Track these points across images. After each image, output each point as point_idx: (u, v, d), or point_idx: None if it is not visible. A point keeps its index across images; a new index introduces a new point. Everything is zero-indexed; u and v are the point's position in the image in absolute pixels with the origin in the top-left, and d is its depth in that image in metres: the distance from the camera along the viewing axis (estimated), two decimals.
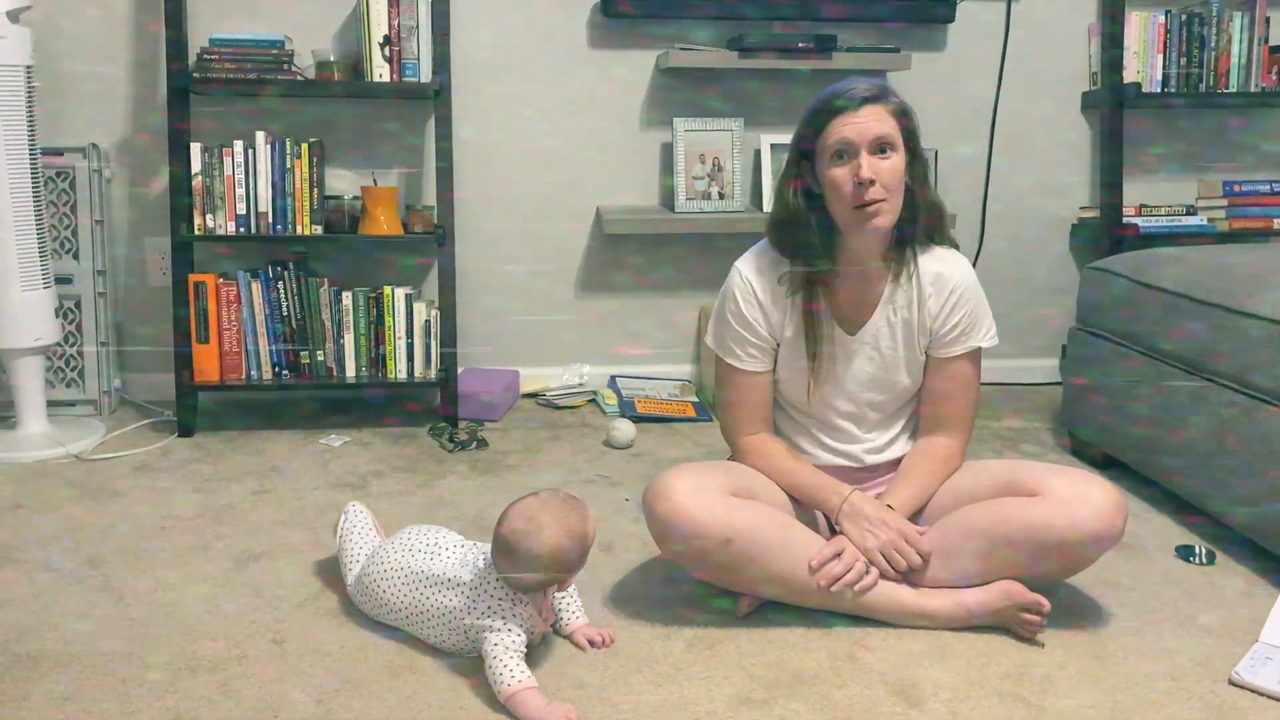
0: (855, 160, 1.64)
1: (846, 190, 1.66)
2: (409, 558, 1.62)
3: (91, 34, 2.84)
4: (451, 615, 1.55)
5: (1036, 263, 3.26)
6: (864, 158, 1.64)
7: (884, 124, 1.65)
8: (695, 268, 3.13)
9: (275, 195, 2.68)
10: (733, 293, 1.81)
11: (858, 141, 1.64)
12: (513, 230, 3.08)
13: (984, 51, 3.13)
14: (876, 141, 1.64)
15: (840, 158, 1.66)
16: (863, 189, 1.64)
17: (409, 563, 1.62)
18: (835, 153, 1.67)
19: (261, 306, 2.72)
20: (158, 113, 2.78)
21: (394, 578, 1.62)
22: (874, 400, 1.84)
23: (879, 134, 1.64)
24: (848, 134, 1.65)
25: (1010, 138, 3.19)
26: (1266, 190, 3.18)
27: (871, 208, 1.65)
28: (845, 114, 1.65)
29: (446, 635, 1.57)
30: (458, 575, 1.57)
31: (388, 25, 2.70)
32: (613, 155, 3.08)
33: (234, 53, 2.66)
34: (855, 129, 1.64)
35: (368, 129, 2.96)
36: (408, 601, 1.60)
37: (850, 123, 1.65)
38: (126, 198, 2.93)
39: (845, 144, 1.65)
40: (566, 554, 1.51)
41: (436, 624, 1.57)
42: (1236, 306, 2.00)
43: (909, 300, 1.79)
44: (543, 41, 3.00)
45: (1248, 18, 3.04)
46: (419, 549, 1.63)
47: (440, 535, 1.67)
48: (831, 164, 1.68)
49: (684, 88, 3.06)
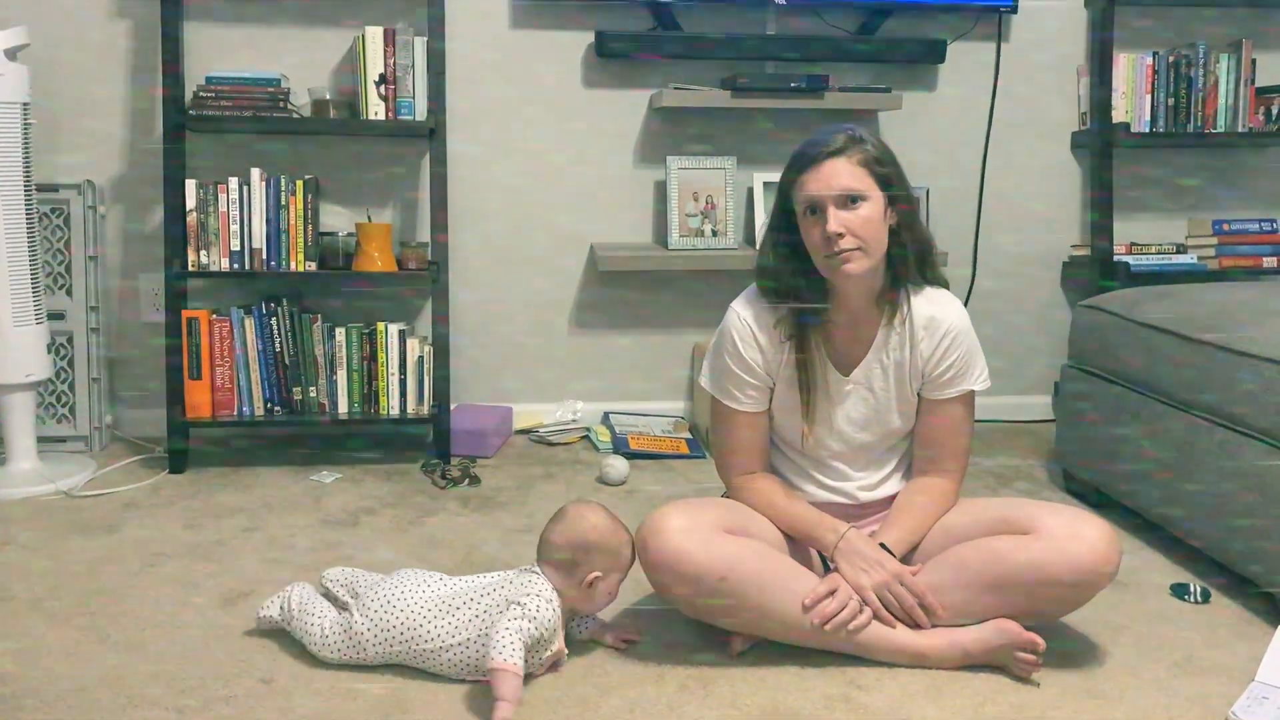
0: (824, 214, 1.67)
1: (818, 244, 1.69)
2: (436, 586, 1.64)
3: (89, 71, 2.85)
4: (483, 613, 1.59)
5: (1028, 300, 3.28)
6: (831, 212, 1.67)
7: (850, 176, 1.67)
8: (689, 304, 3.14)
9: (270, 231, 2.69)
10: (730, 334, 1.81)
11: (824, 197, 1.67)
12: (507, 266, 3.08)
13: (974, 91, 3.16)
14: (843, 195, 1.67)
15: (812, 212, 1.69)
16: (831, 242, 1.66)
17: (435, 590, 1.64)
18: (807, 208, 1.70)
19: (254, 343, 2.71)
20: (153, 149, 2.79)
21: (417, 608, 1.61)
22: (866, 441, 1.84)
23: (845, 187, 1.67)
24: (813, 190, 1.68)
25: (1001, 176, 3.21)
26: (1256, 229, 3.21)
27: (842, 255, 1.66)
28: (811, 170, 1.69)
29: (460, 655, 1.59)
30: (495, 583, 1.64)
31: (383, 64, 2.72)
32: (607, 193, 3.10)
33: (230, 90, 2.68)
34: (821, 184, 1.68)
35: (363, 166, 2.97)
36: (431, 628, 1.60)
37: (815, 179, 1.69)
38: (121, 233, 2.94)
39: (813, 200, 1.69)
40: (606, 537, 1.67)
41: (458, 639, 1.59)
42: (1226, 344, 2.01)
43: (902, 342, 1.79)
44: (537, 80, 3.02)
45: (1234, 60, 3.07)
46: (438, 581, 1.66)
47: (458, 578, 1.70)
48: (805, 218, 1.71)
49: (677, 126, 3.08)
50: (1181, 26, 3.18)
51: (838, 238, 1.66)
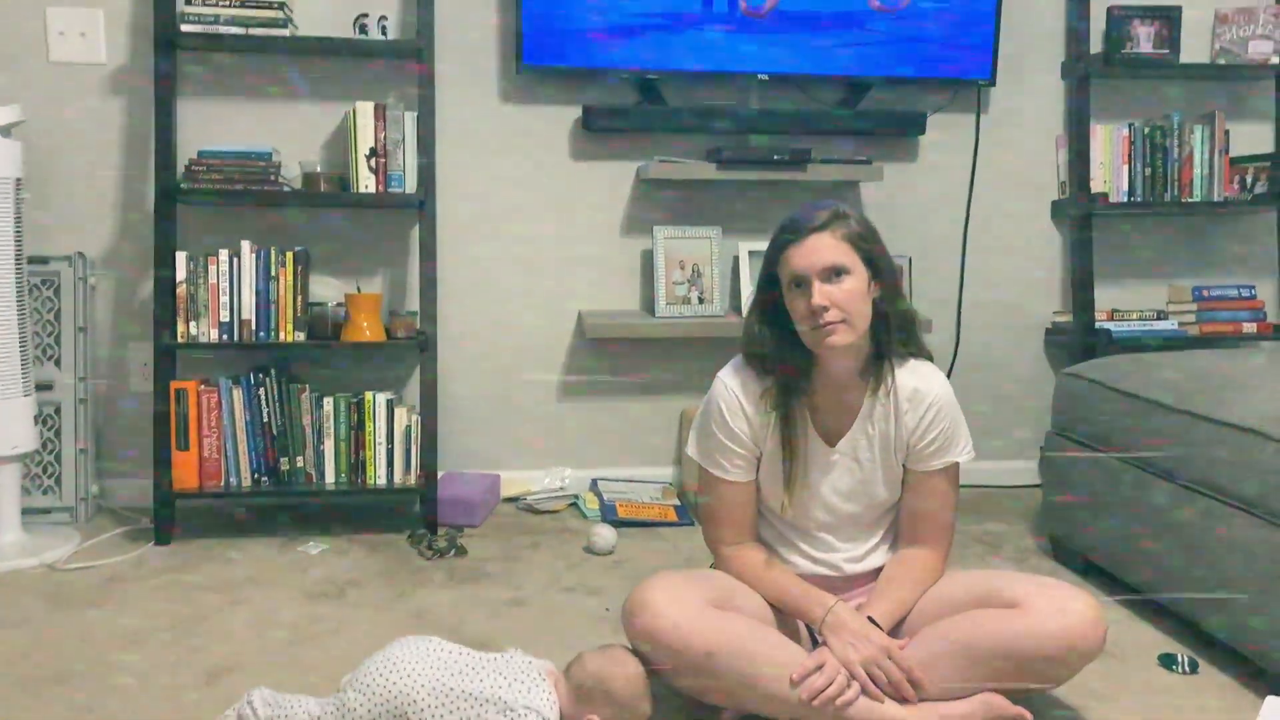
0: (809, 288, 1.69)
1: (803, 317, 1.72)
2: (444, 676, 1.61)
3: (82, 144, 2.89)
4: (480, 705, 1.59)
5: (1012, 366, 3.31)
6: (815, 286, 1.69)
7: (834, 251, 1.71)
8: (676, 371, 3.16)
9: (259, 303, 2.71)
10: (717, 404, 1.83)
11: (809, 271, 1.70)
12: (495, 334, 3.11)
13: (955, 161, 3.22)
14: (827, 269, 1.70)
15: (797, 286, 1.72)
16: (816, 315, 1.68)
17: (446, 681, 1.61)
18: (792, 282, 1.73)
19: (242, 413, 2.72)
20: (145, 221, 2.82)
21: (426, 694, 1.59)
22: (853, 512, 1.85)
23: (829, 262, 1.70)
24: (798, 264, 1.72)
25: (982, 245, 3.26)
26: (1234, 295, 3.25)
27: (826, 328, 1.69)
28: (796, 245, 1.72)
29: None
30: (497, 670, 1.63)
31: (374, 139, 2.76)
32: (594, 261, 3.13)
33: (222, 164, 2.71)
34: (805, 259, 1.71)
35: (353, 236, 3.00)
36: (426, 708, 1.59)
37: (800, 253, 1.72)
38: (111, 304, 2.95)
39: (797, 274, 1.72)
40: (629, 695, 1.66)
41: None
42: (1208, 414, 2.04)
43: (887, 414, 1.81)
44: (526, 153, 3.07)
45: (1207, 130, 3.14)
46: (452, 668, 1.63)
47: (461, 653, 1.68)
48: (790, 292, 1.74)
49: (664, 197, 3.13)
50: (1155, 98, 3.26)
51: (822, 311, 1.69)
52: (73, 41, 2.84)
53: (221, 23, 2.69)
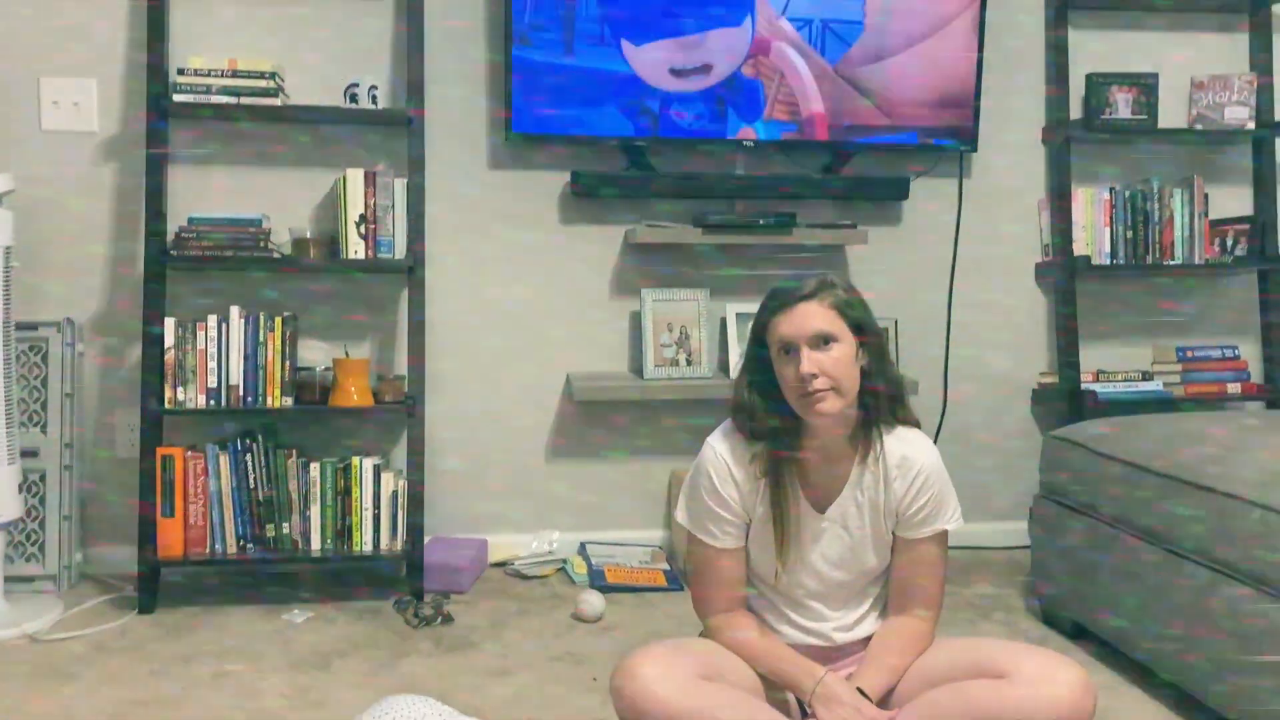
0: (797, 356, 1.71)
1: (792, 384, 1.72)
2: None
3: (73, 210, 2.90)
4: None
5: (1000, 427, 3.32)
6: (804, 353, 1.70)
7: (823, 319, 1.72)
8: (664, 433, 3.16)
9: (247, 368, 2.71)
10: (707, 470, 1.83)
11: (797, 338, 1.71)
12: (483, 397, 3.11)
13: (938, 225, 3.26)
14: (816, 337, 1.71)
15: (786, 353, 1.73)
16: (805, 383, 1.69)
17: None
18: (781, 349, 1.74)
19: (229, 479, 2.71)
20: (134, 287, 2.83)
21: None
22: (842, 579, 1.84)
23: (817, 330, 1.71)
24: (787, 331, 1.73)
25: (968, 307, 3.28)
26: (1218, 356, 3.28)
27: (815, 395, 1.70)
28: (785, 312, 1.74)
29: None
30: None
31: (364, 205, 2.79)
32: (582, 324, 3.14)
33: (212, 230, 2.73)
34: (794, 326, 1.72)
35: (342, 301, 3.01)
36: None
37: (789, 320, 1.73)
38: (99, 369, 2.95)
39: (786, 341, 1.73)
40: None
41: None
42: (1193, 480, 2.04)
43: (876, 481, 1.81)
44: (515, 218, 3.09)
45: (1187, 193, 3.19)
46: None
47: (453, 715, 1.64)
48: (779, 359, 1.75)
49: (651, 260, 3.15)
50: (1135, 162, 3.31)
51: (811, 378, 1.70)
52: (66, 110, 2.87)
53: (213, 92, 2.72)
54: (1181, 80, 3.25)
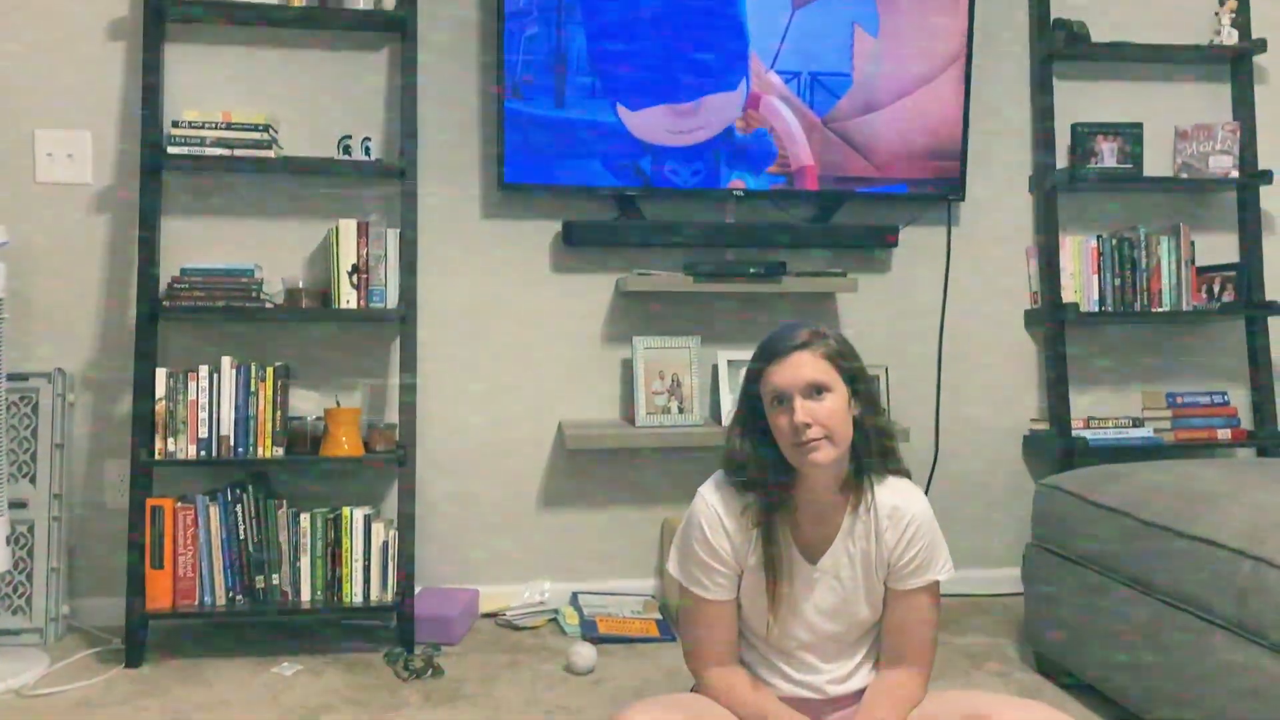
0: (791, 405, 1.71)
1: (786, 433, 1.73)
2: None
3: (65, 261, 2.91)
4: None
5: (992, 474, 3.32)
6: (798, 402, 1.71)
7: (815, 369, 1.73)
8: (657, 481, 3.16)
9: (238, 418, 2.71)
10: (698, 521, 1.83)
11: (791, 388, 1.72)
12: (475, 445, 3.10)
13: (927, 273, 3.28)
14: (809, 386, 1.72)
15: (779, 403, 1.74)
16: (799, 432, 1.70)
17: None
18: (774, 399, 1.75)
19: (218, 530, 2.69)
20: (126, 337, 2.83)
21: None
22: (835, 631, 1.83)
23: (810, 379, 1.72)
24: (780, 381, 1.73)
25: (958, 353, 3.30)
26: (1207, 402, 3.29)
27: (810, 445, 1.71)
28: (778, 362, 1.74)
29: None
30: None
31: (356, 255, 2.80)
32: (574, 372, 3.15)
33: (204, 281, 2.74)
34: (787, 376, 1.73)
35: (333, 350, 3.02)
36: None
37: (782, 371, 1.74)
38: (89, 419, 2.94)
39: (780, 391, 1.74)
40: None
41: None
42: (1185, 530, 2.04)
43: (867, 531, 1.81)
44: (507, 266, 3.11)
45: (1173, 241, 3.22)
46: None
47: None
48: (772, 408, 1.75)
49: (642, 308, 3.17)
50: (1122, 210, 3.34)
51: (805, 428, 1.70)
52: (60, 163, 2.89)
53: (207, 144, 2.74)
54: (1165, 129, 3.29)
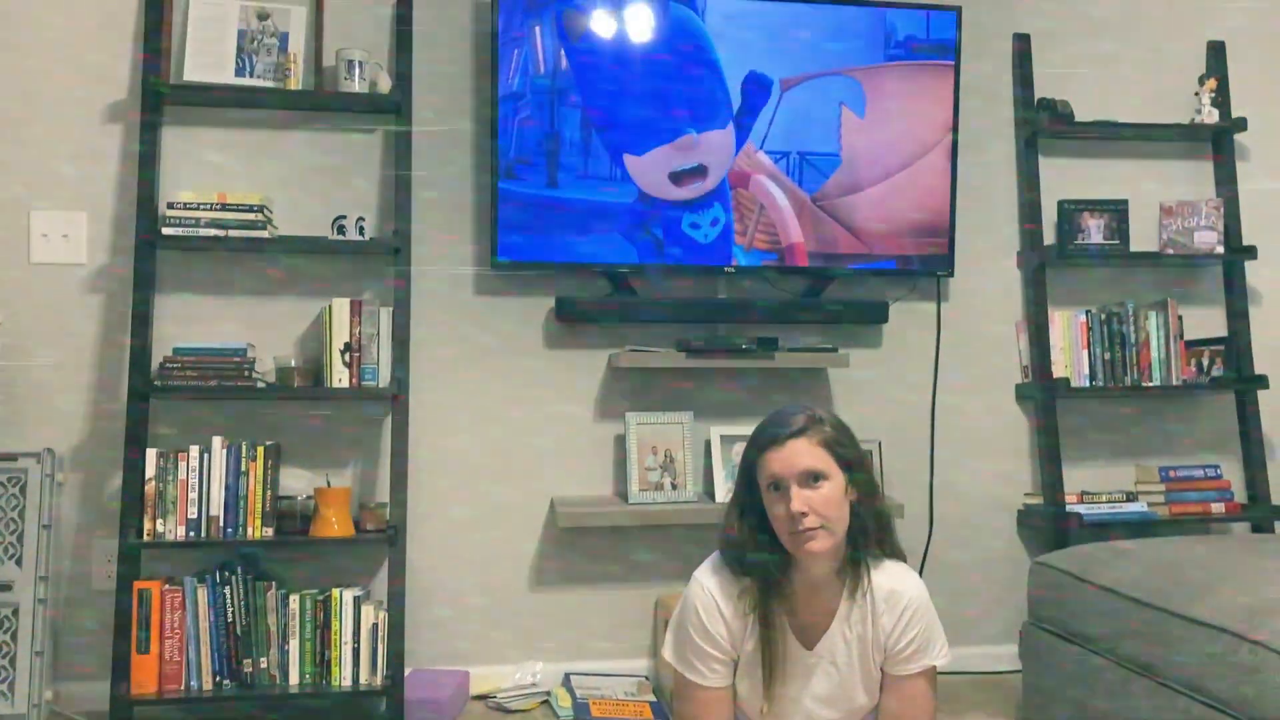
0: (788, 493, 1.71)
1: (783, 521, 1.73)
2: None
3: (57, 341, 2.90)
4: None
5: (987, 549, 3.30)
6: (794, 491, 1.71)
7: (811, 456, 1.73)
8: (650, 558, 3.13)
9: (228, 498, 2.69)
10: (694, 606, 1.81)
11: (787, 476, 1.73)
12: (466, 524, 3.08)
13: (919, 348, 3.30)
14: (806, 474, 1.72)
15: (775, 490, 1.74)
16: (795, 521, 1.70)
17: None
18: (770, 485, 1.75)
19: (206, 613, 2.66)
20: (117, 417, 2.82)
21: None
22: (831, 718, 1.81)
23: (806, 467, 1.73)
24: (777, 469, 1.74)
25: (950, 427, 3.30)
26: (1201, 475, 3.28)
27: (806, 534, 1.70)
28: (774, 449, 1.75)
29: None
30: None
31: (349, 333, 2.81)
32: (567, 448, 3.14)
33: (196, 361, 2.74)
34: (783, 464, 1.73)
35: (325, 428, 3.01)
36: None
37: (779, 458, 1.74)
38: (78, 499, 2.92)
39: (776, 478, 1.74)
40: None
41: None
42: (1181, 611, 2.03)
43: (864, 616, 1.80)
44: (500, 343, 3.11)
45: (1161, 316, 3.24)
46: None
47: None
48: (769, 495, 1.75)
49: (635, 383, 3.17)
50: (1110, 285, 3.38)
51: (801, 516, 1.70)
52: (55, 243, 2.90)
53: (202, 225, 2.76)
54: (1151, 204, 3.34)
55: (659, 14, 3.06)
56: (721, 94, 3.09)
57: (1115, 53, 3.43)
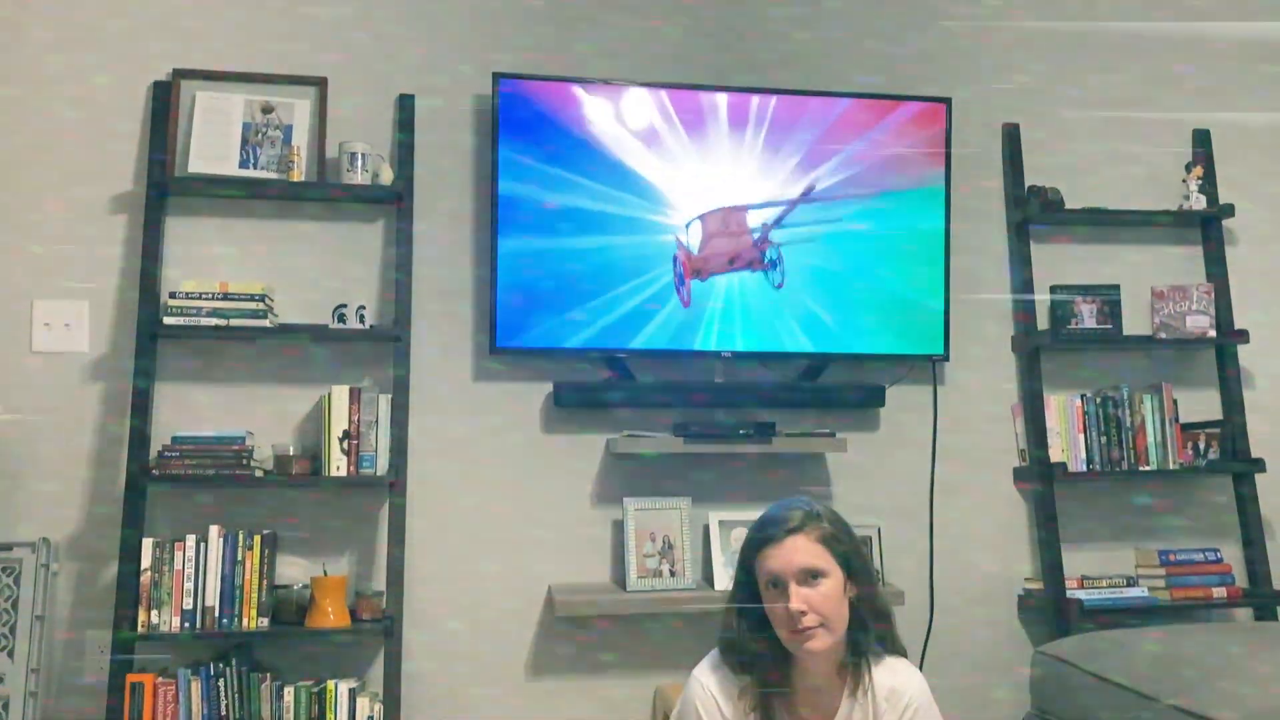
0: (786, 591, 1.71)
1: (782, 619, 1.72)
2: None
3: (56, 429, 2.90)
4: None
5: (988, 635, 3.27)
6: (793, 589, 1.71)
7: (810, 554, 1.74)
8: (648, 647, 3.10)
9: (224, 589, 2.68)
10: (694, 705, 1.80)
11: (785, 574, 1.72)
12: (463, 611, 3.05)
13: (916, 431, 3.30)
14: (804, 572, 1.72)
15: (774, 587, 1.74)
16: (794, 619, 1.69)
17: None
18: (769, 582, 1.75)
19: (200, 707, 2.63)
20: (114, 505, 2.81)
21: None
22: None
23: (805, 565, 1.73)
24: (775, 567, 1.74)
25: (949, 512, 3.29)
26: (1201, 559, 3.27)
27: (806, 633, 1.70)
28: (772, 546, 1.75)
29: None
30: None
31: (348, 421, 2.81)
32: (564, 534, 3.13)
33: (194, 449, 2.74)
34: (781, 562, 1.73)
35: (322, 516, 2.99)
36: None
37: (776, 556, 1.74)
38: (72, 590, 2.89)
39: (775, 576, 1.74)
40: None
41: None
42: (1192, 709, 2.01)
43: (865, 714, 1.79)
44: (498, 428, 3.12)
45: (1156, 400, 3.26)
46: None
47: None
48: (767, 592, 1.75)
49: (633, 469, 3.17)
50: (1104, 368, 3.40)
51: (800, 615, 1.70)
52: (57, 332, 2.91)
53: (203, 315, 2.78)
54: (1142, 288, 3.37)
55: (656, 104, 3.13)
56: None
57: (1103, 140, 3.50)
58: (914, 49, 3.43)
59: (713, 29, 3.33)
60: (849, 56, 3.39)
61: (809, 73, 3.33)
